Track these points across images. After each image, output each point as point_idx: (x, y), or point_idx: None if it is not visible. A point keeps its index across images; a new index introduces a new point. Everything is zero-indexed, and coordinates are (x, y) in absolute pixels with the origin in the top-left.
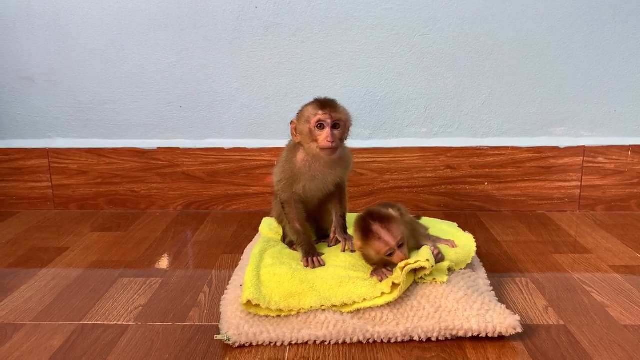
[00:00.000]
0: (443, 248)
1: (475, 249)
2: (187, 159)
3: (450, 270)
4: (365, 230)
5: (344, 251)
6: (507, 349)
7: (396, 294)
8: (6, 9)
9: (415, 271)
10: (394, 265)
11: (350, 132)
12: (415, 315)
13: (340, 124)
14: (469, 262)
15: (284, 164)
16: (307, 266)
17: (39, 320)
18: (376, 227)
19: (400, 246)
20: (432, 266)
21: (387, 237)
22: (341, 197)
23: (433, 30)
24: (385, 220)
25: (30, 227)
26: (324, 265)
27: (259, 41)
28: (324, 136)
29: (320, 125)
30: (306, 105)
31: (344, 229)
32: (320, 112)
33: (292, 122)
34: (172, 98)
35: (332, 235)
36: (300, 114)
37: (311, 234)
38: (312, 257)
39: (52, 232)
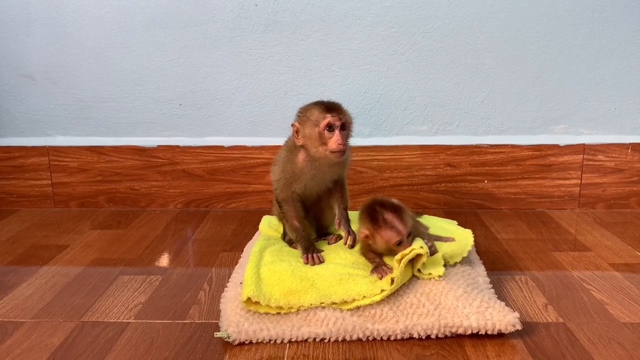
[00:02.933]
0: (437, 242)
1: (473, 243)
2: (187, 156)
3: (445, 263)
4: (375, 218)
5: (345, 244)
6: (507, 347)
7: (394, 286)
8: (6, 7)
9: (412, 263)
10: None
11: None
12: (414, 313)
13: (347, 125)
14: (465, 255)
15: (284, 164)
16: (306, 263)
17: (39, 317)
18: (389, 216)
19: (408, 237)
20: (427, 252)
21: (399, 226)
22: (342, 191)
23: (433, 28)
24: (397, 209)
25: (30, 225)
26: (324, 262)
27: (259, 39)
28: (335, 139)
29: (329, 128)
30: (309, 109)
31: (347, 221)
32: (328, 115)
33: (293, 125)
34: (172, 96)
35: (336, 226)
36: (304, 117)
37: (310, 231)
38: (311, 254)
39: (52, 229)
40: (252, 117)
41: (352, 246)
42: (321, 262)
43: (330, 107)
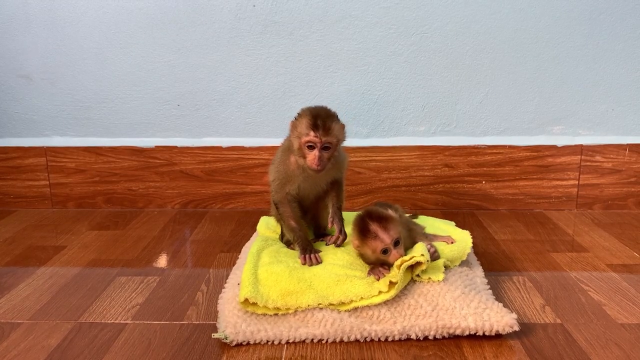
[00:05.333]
0: (438, 246)
1: (472, 245)
2: (185, 157)
3: (446, 267)
4: (362, 229)
5: (336, 243)
6: (504, 348)
7: (393, 292)
8: (3, 7)
9: (412, 268)
10: (391, 264)
11: (345, 138)
12: (412, 314)
13: (331, 145)
14: (464, 258)
15: (278, 165)
16: (304, 263)
17: (36, 318)
18: (373, 227)
19: (396, 245)
20: (428, 260)
21: (383, 235)
22: (338, 191)
23: (431, 28)
24: (382, 219)
25: (27, 226)
26: (321, 262)
27: (257, 39)
28: (311, 158)
29: (309, 146)
30: (304, 116)
31: (340, 219)
32: (312, 133)
33: (291, 123)
34: (169, 97)
35: (329, 225)
36: (296, 122)
37: (307, 232)
38: (309, 255)
39: (50, 230)
40: (250, 117)
41: (339, 245)
42: (319, 262)
43: (317, 125)
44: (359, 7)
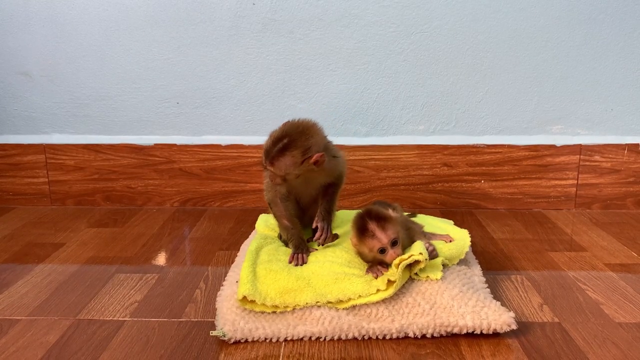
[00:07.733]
0: (437, 244)
1: (470, 243)
2: (184, 155)
3: (444, 266)
4: (360, 228)
5: (317, 240)
6: (502, 346)
7: (392, 290)
8: (3, 4)
9: (410, 266)
10: (388, 263)
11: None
12: (410, 312)
13: (278, 174)
14: (462, 257)
15: None
16: (290, 262)
17: (34, 315)
18: (371, 226)
19: (393, 245)
20: (426, 259)
21: (380, 235)
22: (331, 194)
23: (430, 27)
24: (381, 219)
25: (26, 223)
26: (307, 263)
27: (257, 38)
28: (269, 175)
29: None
30: (271, 135)
31: (326, 219)
32: (263, 157)
33: None
34: (169, 94)
35: (314, 224)
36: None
37: (301, 230)
38: (299, 254)
39: (49, 227)
40: (249, 115)
41: (321, 243)
42: (305, 262)
43: (267, 153)
44: (359, 5)
